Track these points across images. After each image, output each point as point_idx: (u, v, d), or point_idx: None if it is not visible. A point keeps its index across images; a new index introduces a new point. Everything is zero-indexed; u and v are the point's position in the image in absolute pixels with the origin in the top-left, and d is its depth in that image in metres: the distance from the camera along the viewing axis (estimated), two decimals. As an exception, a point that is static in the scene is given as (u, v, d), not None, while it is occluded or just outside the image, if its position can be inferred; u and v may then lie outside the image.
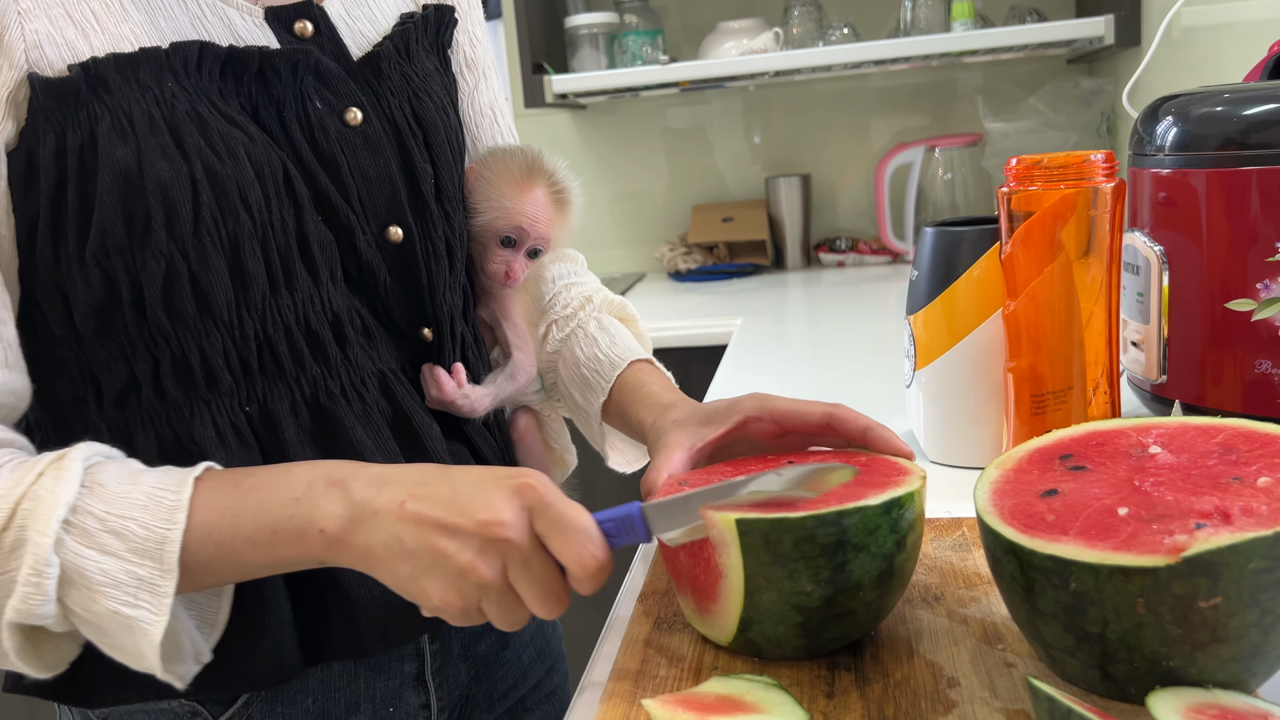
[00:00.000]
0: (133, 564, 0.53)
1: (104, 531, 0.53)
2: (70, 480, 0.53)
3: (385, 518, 0.53)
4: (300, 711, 0.69)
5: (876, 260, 2.26)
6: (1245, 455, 0.51)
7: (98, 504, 0.53)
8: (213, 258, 0.61)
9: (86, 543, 0.53)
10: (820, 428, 0.66)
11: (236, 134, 0.62)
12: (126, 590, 0.53)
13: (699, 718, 0.47)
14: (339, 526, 0.54)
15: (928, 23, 2.05)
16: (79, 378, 0.64)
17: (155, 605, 0.53)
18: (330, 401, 0.66)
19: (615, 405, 0.80)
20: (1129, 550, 0.45)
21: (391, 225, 0.69)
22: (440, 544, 0.52)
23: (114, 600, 0.52)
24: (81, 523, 0.53)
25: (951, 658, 0.55)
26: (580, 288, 0.88)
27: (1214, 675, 0.46)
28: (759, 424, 0.67)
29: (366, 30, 0.72)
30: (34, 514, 0.52)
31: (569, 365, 0.83)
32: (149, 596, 0.53)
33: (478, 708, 0.79)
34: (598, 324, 0.84)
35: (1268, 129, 0.75)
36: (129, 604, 0.52)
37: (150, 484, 0.55)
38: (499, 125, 0.85)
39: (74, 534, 0.52)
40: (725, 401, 0.69)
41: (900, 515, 0.54)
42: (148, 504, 0.54)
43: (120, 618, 0.53)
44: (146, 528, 0.53)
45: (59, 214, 0.59)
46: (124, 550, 0.53)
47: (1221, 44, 1.47)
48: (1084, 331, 0.76)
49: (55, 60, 0.58)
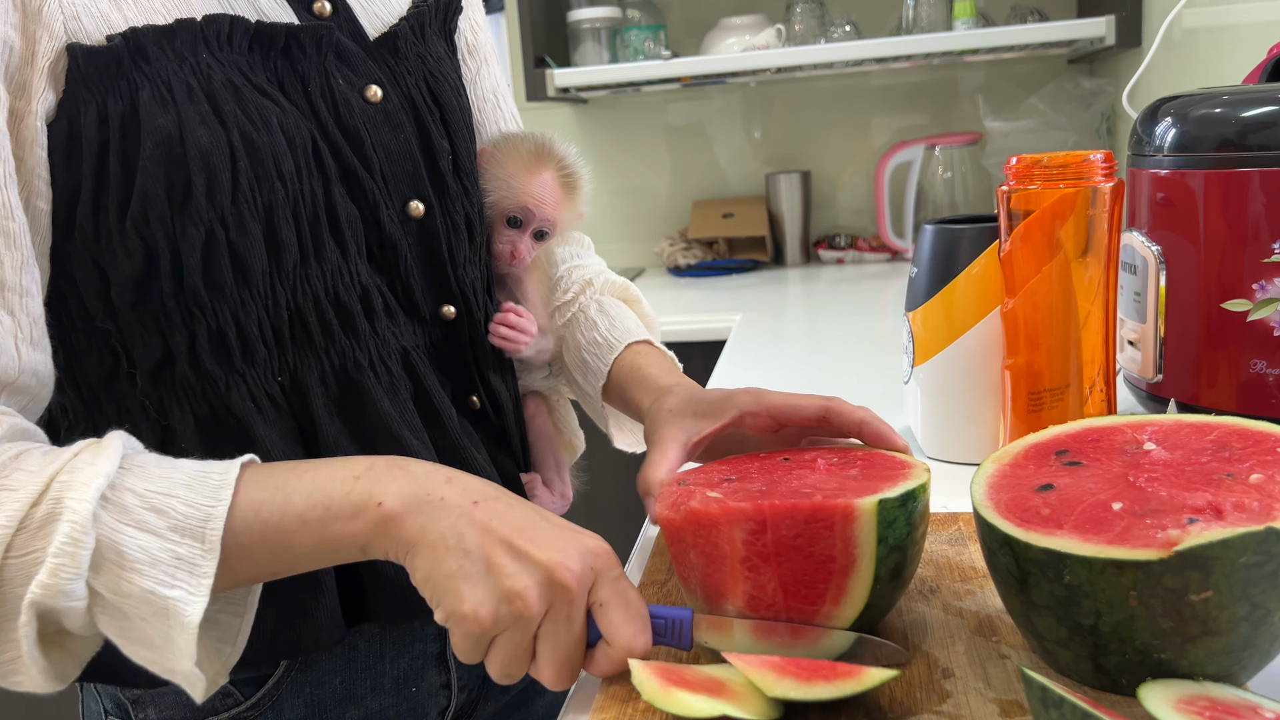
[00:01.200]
0: (173, 542, 0.50)
1: (144, 508, 0.50)
2: (110, 455, 0.51)
3: (452, 510, 0.52)
4: (328, 692, 0.71)
5: (875, 258, 2.27)
6: (1238, 452, 0.52)
7: (138, 481, 0.51)
8: (250, 225, 0.62)
9: (124, 519, 0.50)
10: (816, 421, 0.67)
11: (269, 104, 0.63)
12: (164, 569, 0.49)
13: (665, 686, 0.48)
14: (400, 503, 0.52)
15: (929, 21, 2.05)
16: (110, 355, 0.64)
17: (194, 586, 0.49)
18: (358, 373, 0.67)
19: (615, 387, 0.81)
20: (1122, 544, 0.46)
21: (413, 200, 0.70)
22: (501, 559, 0.50)
23: (150, 579, 0.49)
24: (119, 499, 0.50)
25: (947, 649, 0.56)
26: (582, 270, 0.89)
27: (1204, 668, 0.47)
28: (755, 419, 0.68)
29: (380, 12, 0.74)
30: (71, 484, 0.49)
31: (571, 350, 0.85)
32: (187, 576, 0.50)
33: (494, 688, 0.81)
34: (598, 307, 0.86)
35: (1265, 131, 0.76)
36: (165, 583, 0.49)
37: (194, 465, 0.53)
38: (502, 110, 0.87)
39: (110, 509, 0.50)
40: (721, 393, 0.70)
41: (914, 507, 0.55)
42: (191, 482, 0.51)
43: (155, 599, 0.49)
44: (190, 504, 0.51)
45: (101, 183, 0.59)
46: (164, 528, 0.50)
47: (1221, 46, 1.48)
48: (1081, 330, 0.76)
49: (93, 31, 0.59)
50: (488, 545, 0.50)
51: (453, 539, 0.51)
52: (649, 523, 0.77)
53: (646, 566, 0.69)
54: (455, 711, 0.78)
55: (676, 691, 0.48)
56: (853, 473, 0.59)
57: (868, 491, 0.54)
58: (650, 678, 0.49)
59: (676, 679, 0.49)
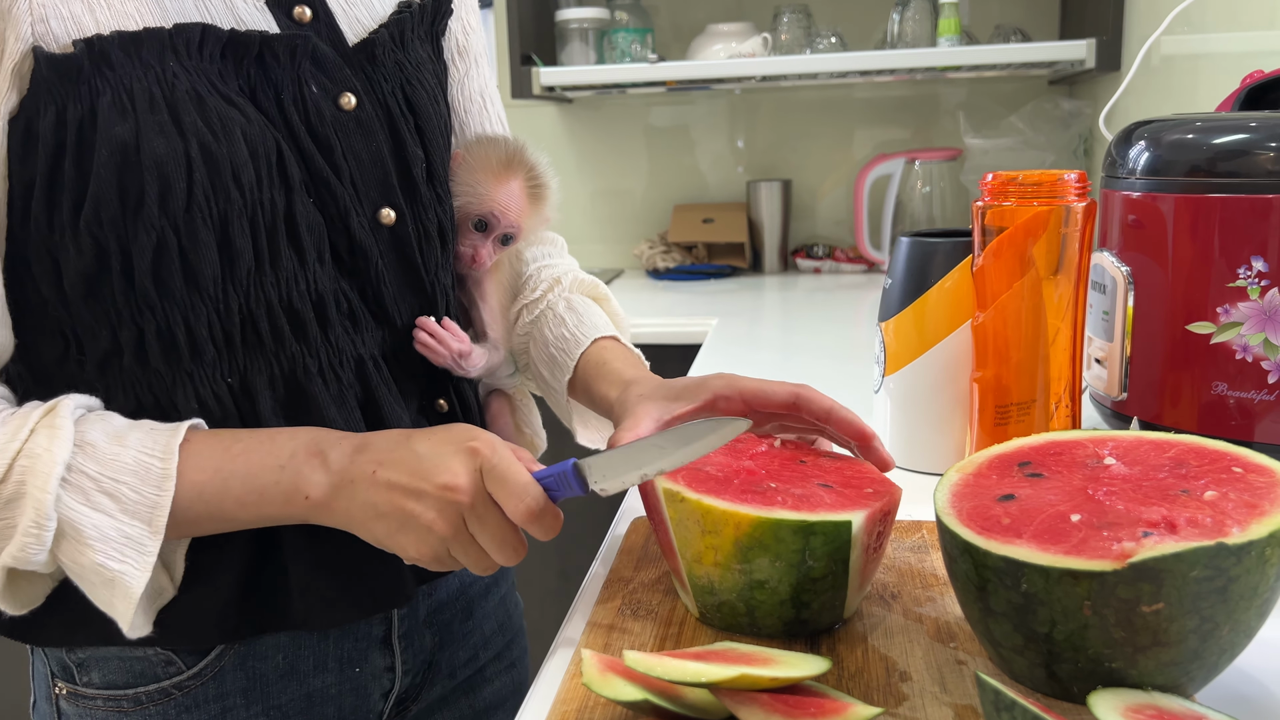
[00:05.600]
0: (123, 523, 0.58)
1: (98, 492, 0.58)
2: (64, 439, 0.57)
3: (360, 485, 0.59)
4: (270, 667, 0.72)
5: (852, 269, 2.29)
6: (1195, 470, 0.53)
7: (91, 465, 0.58)
8: (202, 233, 0.62)
9: (82, 500, 0.57)
10: (786, 408, 0.68)
11: (234, 114, 0.63)
12: (114, 545, 0.57)
13: (603, 672, 0.50)
14: (322, 494, 0.60)
15: (914, 36, 2.07)
16: (63, 338, 0.64)
17: (139, 563, 0.58)
18: (307, 379, 0.68)
19: (580, 382, 0.82)
20: (1079, 555, 0.47)
21: (384, 207, 0.71)
22: (407, 505, 0.58)
23: (101, 554, 0.57)
24: (77, 481, 0.57)
25: (905, 653, 0.57)
26: (551, 269, 0.90)
27: (1154, 678, 0.48)
28: (727, 402, 0.69)
29: (363, 17, 0.74)
30: (33, 470, 0.56)
31: (539, 346, 0.85)
32: (135, 554, 0.58)
33: (439, 674, 0.82)
34: (566, 304, 0.86)
35: (1235, 159, 0.77)
36: (115, 559, 0.57)
37: (136, 447, 0.59)
38: (488, 112, 0.87)
39: (70, 491, 0.57)
40: (694, 379, 0.71)
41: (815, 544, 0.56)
42: (137, 469, 0.58)
43: (105, 571, 0.57)
44: (138, 492, 0.58)
45: (54, 182, 0.60)
46: (116, 510, 0.58)
47: (1198, 73, 1.51)
48: (1049, 346, 0.78)
49: (60, 34, 0.59)
50: (394, 500, 0.58)
51: (370, 510, 0.59)
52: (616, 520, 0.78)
53: (613, 565, 0.70)
54: (399, 694, 0.79)
55: (612, 677, 0.49)
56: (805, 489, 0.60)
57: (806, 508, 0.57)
58: (593, 665, 0.51)
59: (618, 668, 0.51)
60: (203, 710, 0.70)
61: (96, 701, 0.70)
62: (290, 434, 0.62)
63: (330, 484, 0.60)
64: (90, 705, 0.70)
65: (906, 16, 2.08)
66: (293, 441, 0.61)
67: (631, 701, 0.48)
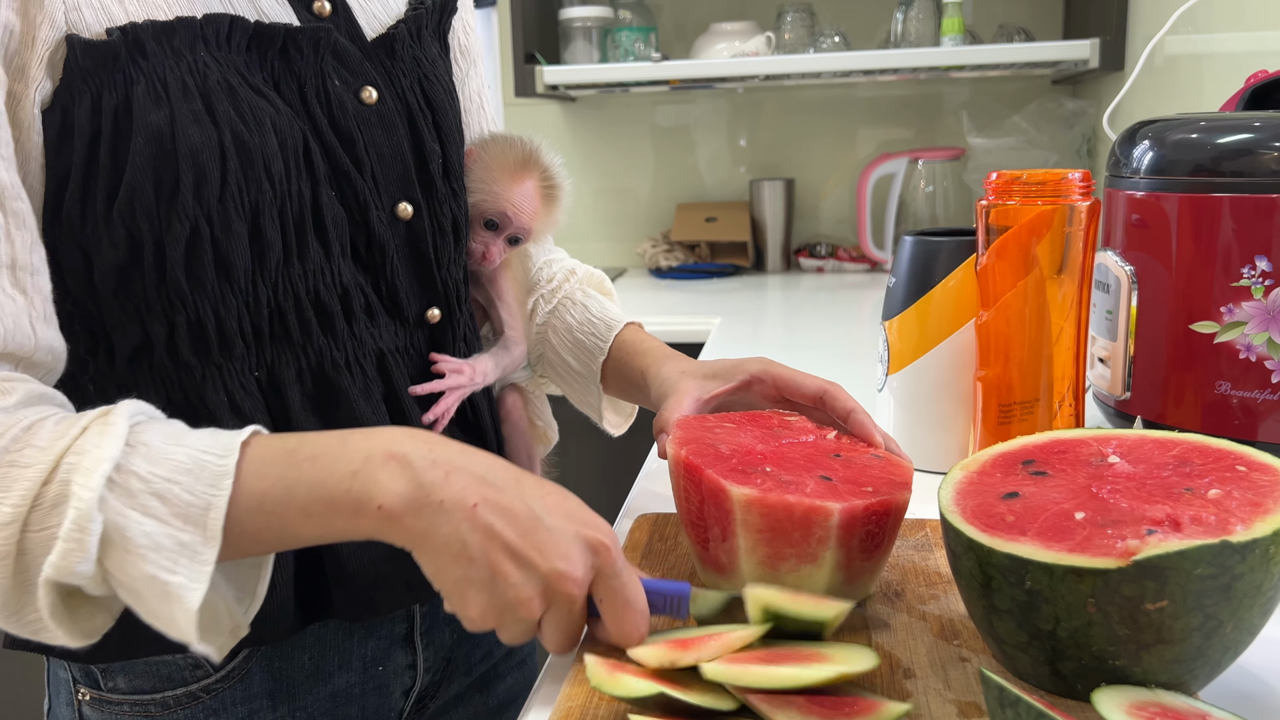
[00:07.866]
0: (175, 528, 0.50)
1: (148, 493, 0.51)
2: (115, 436, 0.51)
3: (453, 514, 0.51)
4: (296, 667, 0.72)
5: (855, 268, 2.29)
6: (1199, 468, 0.54)
7: (142, 464, 0.51)
8: (235, 224, 0.62)
9: (129, 503, 0.50)
10: (813, 400, 0.72)
11: (264, 105, 0.63)
12: (166, 555, 0.50)
13: (611, 671, 0.50)
14: (399, 505, 0.51)
15: (918, 36, 2.07)
16: (89, 336, 0.64)
17: (194, 573, 0.50)
18: (334, 373, 0.68)
19: (613, 363, 0.83)
20: (1083, 552, 0.47)
21: (402, 202, 0.71)
22: (505, 567, 0.51)
23: (153, 565, 0.50)
24: (125, 482, 0.51)
25: (909, 651, 0.57)
26: (561, 263, 0.92)
27: (1157, 675, 0.48)
28: (762, 385, 0.73)
29: (379, 13, 0.74)
30: (78, 468, 0.50)
31: (560, 333, 0.86)
32: (188, 563, 0.50)
33: (457, 670, 0.83)
34: (584, 293, 0.88)
35: (1238, 158, 0.77)
36: (167, 569, 0.50)
37: (194, 446, 0.53)
38: (485, 111, 0.88)
39: (117, 493, 0.50)
40: (732, 361, 0.75)
41: None
42: (192, 467, 0.52)
43: (157, 583, 0.50)
44: (191, 492, 0.51)
45: (90, 172, 0.60)
46: (167, 514, 0.51)
47: (1201, 73, 1.51)
48: (1053, 345, 0.78)
49: (93, 23, 0.59)
50: (491, 553, 0.51)
51: (457, 546, 0.51)
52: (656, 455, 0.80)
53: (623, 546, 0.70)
54: (420, 691, 0.79)
55: (621, 676, 0.49)
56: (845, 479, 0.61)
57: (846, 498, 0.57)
58: (598, 667, 0.50)
59: (622, 666, 0.51)
60: (229, 713, 0.70)
61: (123, 707, 0.69)
62: (365, 435, 0.54)
63: (411, 496, 0.51)
64: (116, 711, 0.70)
65: (910, 16, 2.08)
66: (368, 444, 0.53)
67: (643, 697, 0.48)
